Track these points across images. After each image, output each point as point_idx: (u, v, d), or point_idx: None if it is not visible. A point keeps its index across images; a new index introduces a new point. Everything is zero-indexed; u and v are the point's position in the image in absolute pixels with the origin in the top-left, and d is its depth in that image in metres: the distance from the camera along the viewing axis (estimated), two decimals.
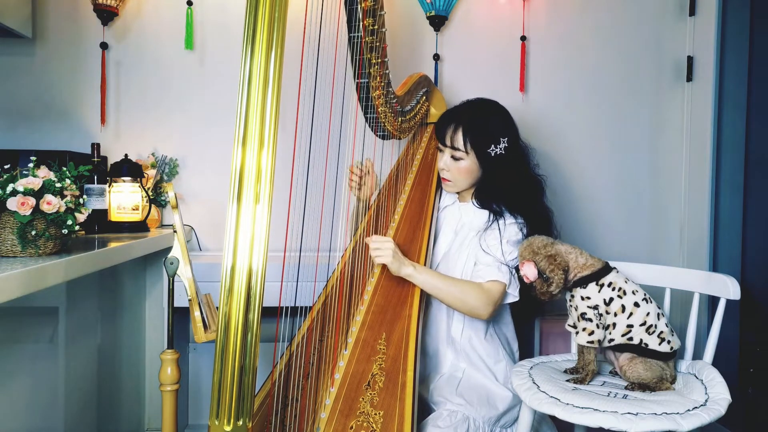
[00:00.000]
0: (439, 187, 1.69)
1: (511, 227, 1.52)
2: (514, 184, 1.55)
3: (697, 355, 1.47)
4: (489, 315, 1.45)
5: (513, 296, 1.50)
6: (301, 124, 1.15)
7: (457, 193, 1.68)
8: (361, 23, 1.37)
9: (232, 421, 0.86)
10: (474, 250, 1.54)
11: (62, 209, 1.23)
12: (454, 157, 1.56)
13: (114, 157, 2.07)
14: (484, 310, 1.44)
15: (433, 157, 1.77)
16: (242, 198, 0.85)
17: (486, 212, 1.56)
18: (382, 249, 1.42)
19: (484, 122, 1.55)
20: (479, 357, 1.54)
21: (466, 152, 1.54)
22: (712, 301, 2.18)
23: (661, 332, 1.34)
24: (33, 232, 1.20)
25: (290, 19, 0.91)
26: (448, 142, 1.56)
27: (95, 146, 1.82)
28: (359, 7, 1.35)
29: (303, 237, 1.20)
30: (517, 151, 1.58)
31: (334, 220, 1.36)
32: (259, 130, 0.85)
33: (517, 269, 1.50)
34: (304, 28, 1.13)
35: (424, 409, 1.50)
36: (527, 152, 1.63)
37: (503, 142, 1.53)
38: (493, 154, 1.53)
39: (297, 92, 1.11)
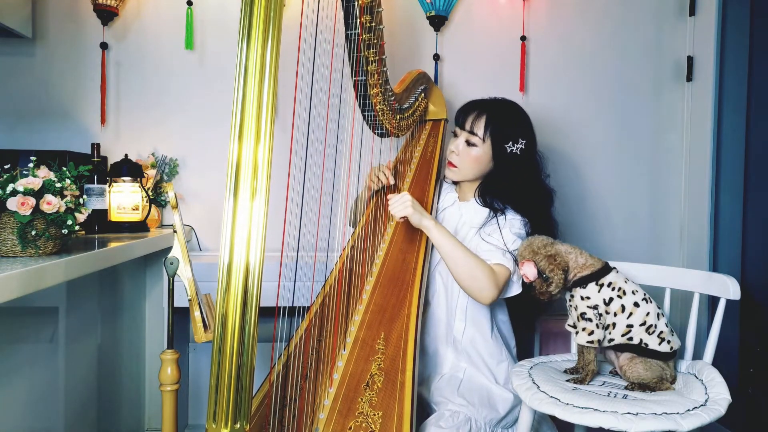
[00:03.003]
0: (438, 184, 1.69)
1: (514, 221, 1.52)
2: (522, 188, 1.54)
3: (697, 355, 1.47)
4: (492, 299, 1.42)
5: (517, 286, 1.48)
6: (298, 122, 1.15)
7: (456, 187, 1.68)
8: (358, 20, 1.37)
9: (229, 423, 0.86)
10: (474, 246, 1.53)
11: (62, 209, 1.23)
12: (468, 142, 1.56)
13: (114, 157, 2.07)
14: (490, 291, 1.40)
15: (432, 154, 1.77)
16: (239, 192, 0.85)
17: (486, 210, 1.55)
18: (400, 202, 1.43)
19: (509, 117, 1.56)
20: (481, 358, 1.53)
21: (483, 140, 1.54)
22: (712, 301, 2.18)
23: (661, 332, 1.34)
24: (33, 232, 1.20)
25: (287, 16, 0.91)
26: (468, 126, 1.55)
27: (95, 146, 1.82)
28: (356, 3, 1.35)
29: (300, 236, 1.20)
30: (532, 157, 1.58)
31: (332, 220, 1.36)
32: (256, 123, 0.85)
33: (517, 264, 1.50)
34: (301, 24, 1.13)
35: (424, 409, 1.50)
36: (542, 162, 1.62)
37: (521, 142, 1.54)
38: (508, 151, 1.53)
39: (293, 89, 1.11)
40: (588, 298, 1.35)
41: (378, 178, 1.63)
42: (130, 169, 1.84)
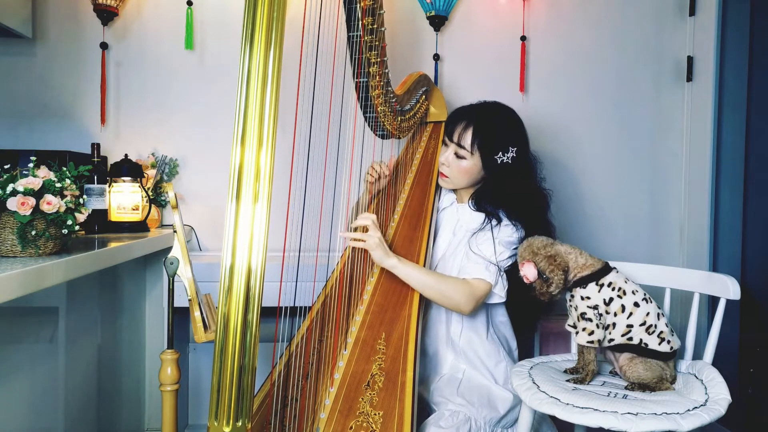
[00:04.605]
0: (438, 186, 1.69)
1: (506, 228, 1.52)
2: (516, 194, 1.53)
3: (697, 355, 1.47)
4: (470, 311, 1.45)
5: (499, 297, 1.49)
6: (300, 123, 1.15)
7: (453, 190, 1.68)
8: (360, 22, 1.37)
9: (231, 421, 0.86)
10: (465, 252, 1.53)
11: (62, 209, 1.23)
12: (457, 155, 1.55)
13: (114, 157, 2.07)
14: (465, 306, 1.43)
15: (432, 156, 1.77)
16: (241, 197, 0.85)
17: (482, 214, 1.55)
18: (366, 237, 1.40)
19: (496, 127, 1.53)
20: (479, 359, 1.53)
21: (471, 153, 1.53)
22: (712, 301, 2.18)
23: (661, 332, 1.34)
24: (33, 232, 1.20)
25: (289, 18, 0.91)
26: (455, 139, 1.54)
27: (95, 146, 1.82)
28: (358, 6, 1.35)
29: (302, 236, 1.20)
30: (525, 162, 1.56)
31: (334, 220, 1.36)
32: (258, 128, 0.85)
33: (508, 270, 1.50)
34: (303, 27, 1.13)
35: (424, 409, 1.50)
36: (535, 164, 1.61)
37: (512, 151, 1.52)
38: (499, 161, 1.52)
39: (296, 91, 1.11)
40: (588, 298, 1.35)
41: (375, 171, 1.62)
42: (130, 169, 1.84)
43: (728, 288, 1.38)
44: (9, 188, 1.18)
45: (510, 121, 1.56)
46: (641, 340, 1.33)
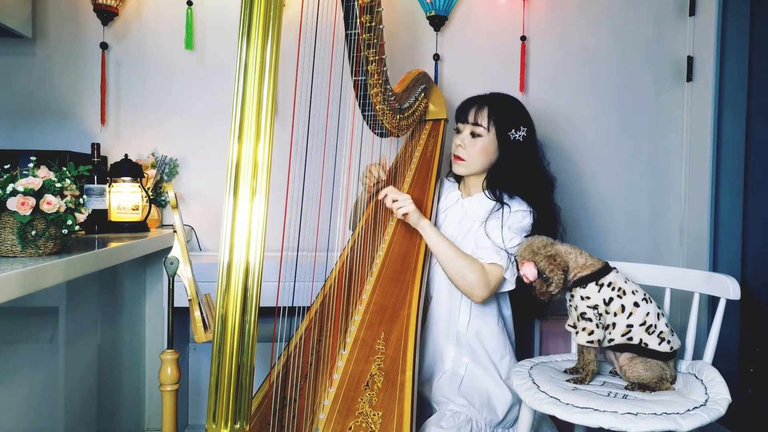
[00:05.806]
0: (438, 184, 1.69)
1: (516, 214, 1.54)
2: (527, 176, 1.58)
3: (697, 355, 1.47)
4: (483, 298, 1.47)
5: (510, 283, 1.52)
6: (298, 121, 1.15)
7: (459, 185, 1.68)
8: (358, 20, 1.37)
9: (229, 423, 0.86)
10: (477, 238, 1.54)
11: (62, 209, 1.23)
12: (473, 134, 1.58)
13: (114, 157, 2.07)
14: (480, 290, 1.45)
15: (432, 154, 1.77)
16: (239, 191, 0.85)
17: (492, 202, 1.57)
18: (402, 200, 1.48)
19: (509, 106, 1.62)
20: (485, 351, 1.54)
21: (488, 129, 1.57)
22: (712, 301, 2.18)
23: (661, 332, 1.34)
24: (33, 232, 1.20)
25: (287, 15, 0.91)
26: (471, 119, 1.59)
27: (95, 146, 1.82)
28: (356, 3, 1.35)
29: (300, 236, 1.20)
30: (534, 145, 1.62)
31: (332, 219, 1.36)
32: (256, 122, 0.85)
33: (512, 261, 1.51)
34: (301, 24, 1.13)
35: (426, 408, 1.50)
36: (542, 149, 1.67)
37: (523, 130, 1.58)
38: (512, 138, 1.57)
39: (293, 88, 1.11)
40: (588, 298, 1.35)
41: (371, 172, 1.64)
42: (130, 169, 1.84)
43: (728, 288, 1.38)
44: (9, 188, 1.18)
45: (519, 104, 1.65)
46: (641, 340, 1.33)
